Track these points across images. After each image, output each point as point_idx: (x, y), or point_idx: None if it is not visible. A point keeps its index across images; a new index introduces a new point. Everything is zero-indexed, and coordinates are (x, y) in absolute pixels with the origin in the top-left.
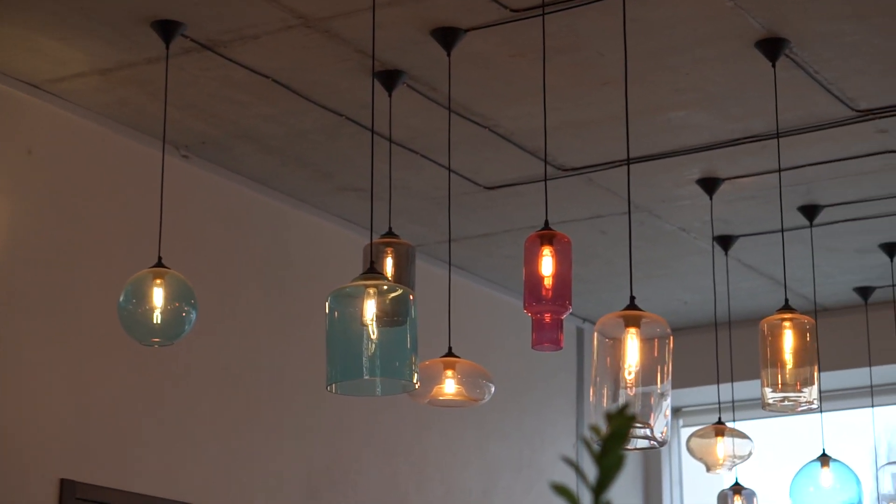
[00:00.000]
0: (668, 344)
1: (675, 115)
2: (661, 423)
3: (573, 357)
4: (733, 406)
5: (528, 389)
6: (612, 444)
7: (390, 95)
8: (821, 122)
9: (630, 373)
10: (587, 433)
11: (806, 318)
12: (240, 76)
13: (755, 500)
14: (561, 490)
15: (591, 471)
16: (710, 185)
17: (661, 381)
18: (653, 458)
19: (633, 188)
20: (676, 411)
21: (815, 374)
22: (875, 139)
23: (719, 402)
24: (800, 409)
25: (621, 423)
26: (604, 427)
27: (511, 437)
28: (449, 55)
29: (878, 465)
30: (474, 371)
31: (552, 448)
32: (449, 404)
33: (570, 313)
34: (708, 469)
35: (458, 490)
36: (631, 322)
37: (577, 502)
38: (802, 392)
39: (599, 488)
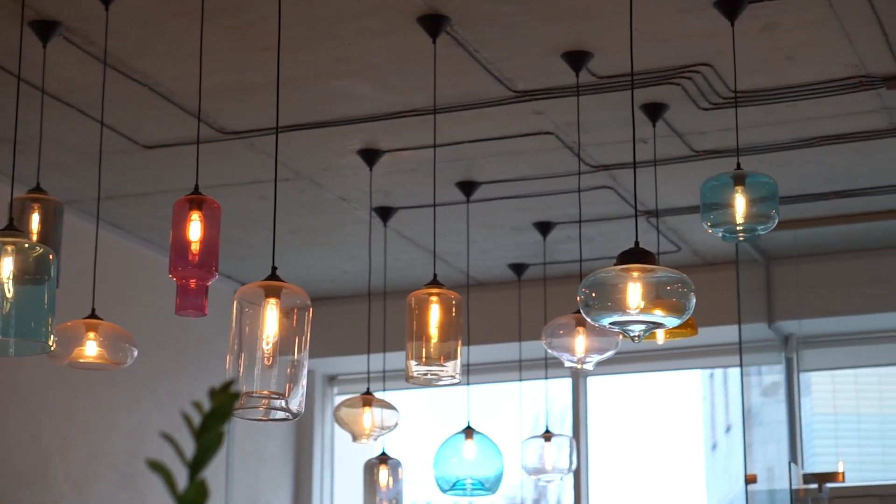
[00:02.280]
0: (308, 315)
1: (338, 84)
2: (297, 395)
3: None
4: (384, 376)
5: (184, 354)
6: (213, 421)
7: (45, 46)
8: (479, 101)
9: (268, 343)
10: (188, 409)
11: (453, 294)
12: None
13: (400, 470)
14: (156, 467)
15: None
16: (370, 156)
17: (299, 352)
18: (305, 425)
19: (295, 155)
20: (332, 380)
21: (459, 348)
22: (531, 120)
23: (368, 373)
24: (442, 382)
25: (224, 401)
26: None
27: (164, 401)
28: (107, 9)
29: (524, 438)
30: (117, 334)
31: None
32: (89, 367)
33: (230, 277)
34: (354, 439)
35: (103, 452)
36: (271, 292)
37: (172, 479)
38: (445, 366)
39: (196, 466)
